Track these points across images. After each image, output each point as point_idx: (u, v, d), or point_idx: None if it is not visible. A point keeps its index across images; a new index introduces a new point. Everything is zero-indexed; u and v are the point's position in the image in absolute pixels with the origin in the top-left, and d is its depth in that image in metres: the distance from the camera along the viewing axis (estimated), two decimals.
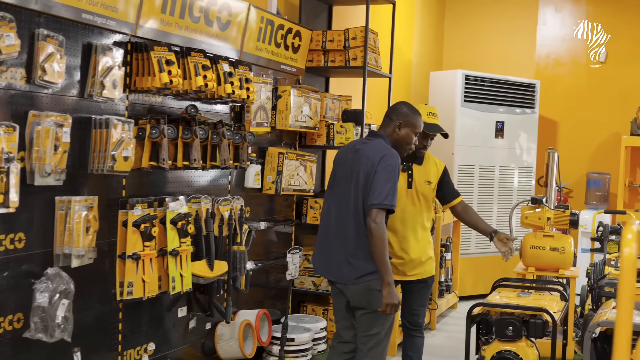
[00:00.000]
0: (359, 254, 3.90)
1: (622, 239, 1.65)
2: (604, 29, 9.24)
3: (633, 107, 8.48)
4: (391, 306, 3.81)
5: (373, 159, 3.90)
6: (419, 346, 4.83)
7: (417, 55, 8.76)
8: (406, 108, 4.15)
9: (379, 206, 3.79)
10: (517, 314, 4.48)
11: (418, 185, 4.66)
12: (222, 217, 4.56)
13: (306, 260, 5.87)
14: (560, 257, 5.87)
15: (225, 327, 4.77)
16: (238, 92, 4.50)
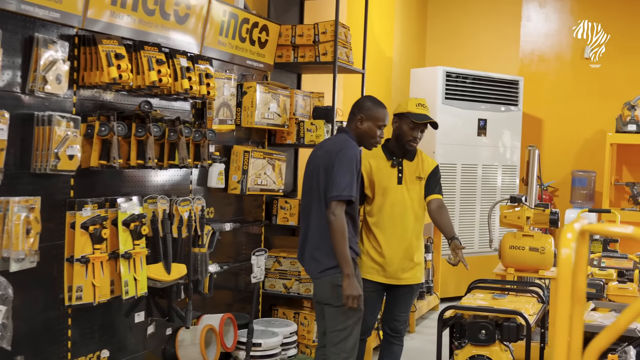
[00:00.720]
0: (322, 248, 3.87)
1: (561, 238, 1.47)
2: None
3: (618, 104, 8.32)
4: (352, 298, 3.74)
5: (331, 152, 3.89)
6: (397, 354, 4.68)
7: (397, 52, 8.59)
8: (369, 102, 4.08)
9: (337, 198, 3.77)
10: (491, 317, 4.32)
11: (409, 181, 4.51)
12: (182, 218, 4.37)
13: (277, 263, 5.68)
14: (540, 258, 5.71)
15: (187, 332, 4.58)
16: (197, 88, 4.31)
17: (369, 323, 4.54)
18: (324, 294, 3.93)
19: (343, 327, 3.88)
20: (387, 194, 4.45)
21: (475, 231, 8.30)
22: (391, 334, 4.62)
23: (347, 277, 3.74)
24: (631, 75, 8.79)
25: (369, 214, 4.52)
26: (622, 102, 8.22)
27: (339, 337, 3.89)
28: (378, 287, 4.53)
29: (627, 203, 8.48)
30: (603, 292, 5.54)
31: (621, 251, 6.53)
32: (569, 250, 1.44)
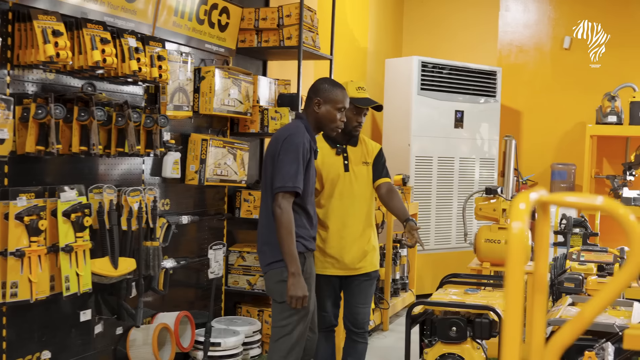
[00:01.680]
0: (270, 241, 3.64)
1: (512, 209, 1.21)
2: (569, 15, 8.86)
3: (598, 95, 8.11)
4: (296, 299, 3.51)
5: (278, 139, 3.64)
6: (361, 353, 4.39)
7: (372, 42, 8.32)
8: (326, 84, 3.82)
9: (281, 189, 3.53)
10: (462, 313, 4.08)
11: (355, 168, 4.27)
12: (131, 209, 4.09)
13: (241, 258, 5.41)
14: None
15: (139, 331, 4.30)
16: (147, 70, 4.03)
17: (336, 314, 4.36)
18: (269, 288, 3.72)
19: (285, 323, 3.64)
20: (334, 182, 4.22)
21: (452, 226, 8.05)
22: (354, 330, 4.35)
23: (292, 276, 3.50)
24: (611, 66, 8.58)
25: (317, 205, 4.25)
26: (602, 93, 8.02)
27: (281, 333, 3.65)
28: (334, 281, 4.28)
29: (608, 196, 8.25)
30: (582, 286, 5.33)
31: (601, 245, 6.33)
32: (521, 225, 1.18)
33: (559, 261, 5.98)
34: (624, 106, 7.93)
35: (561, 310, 4.06)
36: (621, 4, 8.62)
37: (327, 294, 4.26)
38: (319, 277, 4.19)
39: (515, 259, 1.19)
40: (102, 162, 4.15)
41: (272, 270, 3.64)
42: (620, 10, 8.61)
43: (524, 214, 1.20)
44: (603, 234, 7.34)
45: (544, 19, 8.97)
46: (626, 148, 8.45)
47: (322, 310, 4.29)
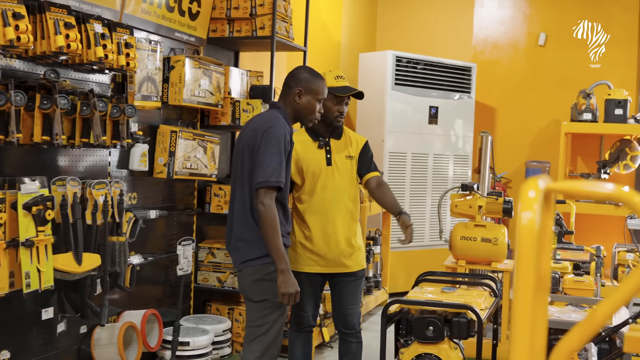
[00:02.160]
0: (245, 237, 3.47)
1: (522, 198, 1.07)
2: (544, 12, 8.79)
3: (573, 92, 8.05)
4: (288, 295, 3.35)
5: (257, 131, 3.45)
6: (355, 352, 4.26)
7: (346, 36, 8.18)
8: (306, 73, 3.66)
9: (264, 185, 3.34)
10: (439, 312, 3.95)
11: (338, 161, 4.11)
12: (96, 203, 3.90)
13: (211, 255, 5.24)
14: (493, 249, 5.36)
15: (104, 330, 4.12)
16: (113, 58, 3.85)
17: (315, 314, 4.22)
18: (244, 287, 3.53)
19: (261, 323, 3.48)
20: (316, 177, 4.07)
21: (426, 223, 7.94)
22: (346, 332, 4.21)
23: (282, 273, 3.35)
24: (586, 63, 8.52)
25: (298, 200, 4.12)
26: (577, 90, 7.96)
27: (256, 333, 3.48)
28: (318, 278, 4.14)
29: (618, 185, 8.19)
30: (559, 285, 5.25)
31: (576, 243, 6.26)
32: (532, 215, 1.04)
33: None
34: (599, 104, 7.87)
35: None
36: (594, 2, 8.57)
37: (307, 293, 4.10)
38: (300, 274, 4.05)
39: (525, 253, 1.05)
40: (66, 153, 3.96)
41: (248, 268, 3.47)
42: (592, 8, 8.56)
43: (534, 202, 1.06)
44: (578, 233, 7.27)
45: (518, 15, 8.90)
46: (600, 146, 8.41)
47: (300, 309, 4.14)
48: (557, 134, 8.04)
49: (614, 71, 8.38)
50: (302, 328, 4.17)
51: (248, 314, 3.57)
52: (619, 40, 8.44)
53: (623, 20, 8.42)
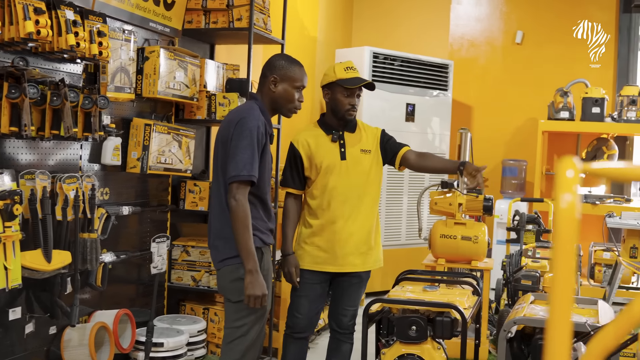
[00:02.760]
0: (223, 234, 3.32)
1: (559, 178, 0.95)
2: (521, 10, 8.74)
3: (550, 90, 8.00)
4: (254, 298, 3.20)
5: (231, 123, 3.30)
6: (345, 353, 4.13)
7: (322, 31, 8.05)
8: (282, 60, 3.51)
9: (236, 179, 3.20)
10: (422, 312, 3.84)
11: (353, 155, 3.94)
12: (67, 197, 3.74)
13: (185, 253, 5.09)
14: (473, 247, 5.28)
15: (74, 331, 3.95)
16: (85, 46, 3.69)
17: (312, 319, 4.04)
18: (222, 287, 3.40)
19: (240, 324, 3.34)
20: (330, 172, 3.90)
21: (402, 222, 7.84)
22: (338, 331, 4.08)
23: (250, 274, 3.20)
24: (563, 61, 8.48)
25: (310, 196, 3.97)
26: (554, 89, 7.91)
27: (235, 334, 3.35)
28: (324, 279, 4.00)
29: None
30: (539, 284, 5.18)
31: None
32: (571, 197, 0.92)
33: (514, 258, 5.82)
34: (576, 102, 7.83)
35: (525, 309, 3.86)
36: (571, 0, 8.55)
37: (305, 293, 3.97)
38: (303, 272, 3.92)
39: (565, 239, 0.93)
40: (35, 145, 3.78)
41: (227, 267, 3.33)
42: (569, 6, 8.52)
43: (573, 183, 0.94)
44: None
45: (495, 12, 8.83)
46: (577, 144, 8.37)
47: (295, 310, 4.00)
48: (534, 133, 7.99)
49: (591, 70, 8.34)
50: (295, 332, 4.01)
51: (226, 315, 3.44)
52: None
53: (600, 18, 8.39)
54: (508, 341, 3.72)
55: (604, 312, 3.87)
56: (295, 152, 3.96)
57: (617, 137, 8.04)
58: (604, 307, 4.00)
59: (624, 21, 8.31)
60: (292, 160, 3.98)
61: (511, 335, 3.73)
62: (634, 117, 7.57)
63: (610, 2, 8.36)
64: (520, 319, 3.64)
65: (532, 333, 3.81)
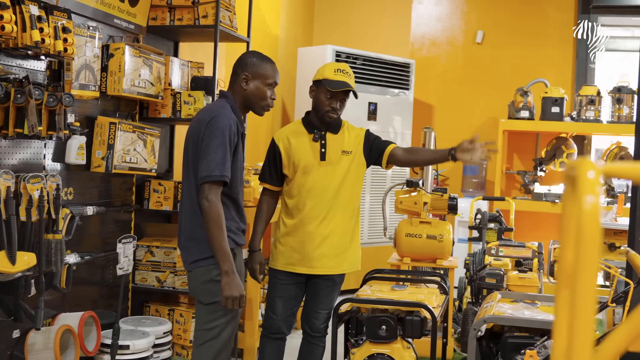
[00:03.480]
0: (195, 236, 3.27)
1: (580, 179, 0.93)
2: (481, 10, 8.80)
3: (511, 90, 8.07)
4: (232, 299, 3.15)
5: (201, 122, 3.25)
6: (317, 356, 4.09)
7: (284, 30, 8.01)
8: (254, 57, 3.47)
9: (208, 179, 3.14)
10: (392, 311, 3.83)
11: (334, 156, 3.86)
12: (31, 198, 3.65)
13: (149, 253, 5.01)
14: (438, 246, 5.30)
15: (39, 334, 3.86)
16: (51, 42, 3.60)
17: (288, 320, 4.00)
18: (194, 289, 3.34)
19: (211, 326, 3.28)
20: (308, 172, 3.84)
21: (364, 221, 7.84)
22: (311, 334, 4.03)
23: (226, 275, 3.14)
24: (523, 61, 8.56)
25: (288, 195, 3.92)
26: (515, 88, 7.98)
27: (207, 336, 3.29)
28: (298, 280, 3.95)
29: (519, 192, 8.26)
30: (503, 282, 5.21)
31: (515, 240, 6.25)
32: (594, 199, 0.90)
33: (478, 257, 5.86)
34: (536, 102, 7.92)
35: (494, 307, 3.87)
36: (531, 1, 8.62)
37: (280, 294, 3.93)
38: (277, 273, 3.87)
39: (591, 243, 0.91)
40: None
41: (199, 269, 3.27)
42: (529, 7, 8.61)
43: (596, 184, 0.92)
44: (517, 229, 7.29)
45: (456, 12, 8.88)
46: (537, 143, 8.46)
47: (270, 311, 3.95)
48: (495, 132, 8.05)
49: (551, 69, 8.44)
50: (272, 333, 3.97)
51: (198, 317, 3.37)
52: (554, 39, 8.51)
53: (559, 19, 8.49)
54: (477, 340, 3.72)
55: None
56: (275, 148, 3.91)
57: (576, 136, 8.14)
58: None
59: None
60: (271, 156, 3.93)
61: (481, 334, 3.74)
62: (593, 116, 7.68)
63: (569, 3, 8.46)
64: (491, 318, 3.65)
65: (500, 331, 3.82)
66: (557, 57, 8.50)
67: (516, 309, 4.07)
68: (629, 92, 7.55)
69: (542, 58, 8.52)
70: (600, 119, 7.70)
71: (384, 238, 7.05)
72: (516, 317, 3.71)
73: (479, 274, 5.34)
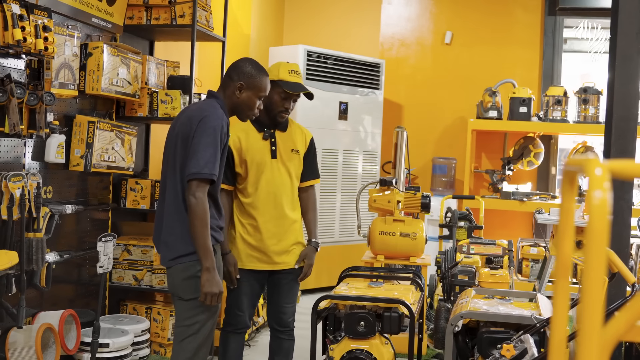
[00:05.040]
0: (175, 232, 3.29)
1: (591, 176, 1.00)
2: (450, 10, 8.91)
3: (479, 90, 8.19)
4: (211, 295, 3.20)
5: (193, 120, 3.27)
6: (288, 350, 4.13)
7: (255, 29, 8.05)
8: (251, 67, 3.48)
9: (196, 176, 3.17)
10: (370, 307, 3.90)
11: (284, 154, 3.94)
12: (13, 196, 3.65)
13: (126, 252, 5.02)
14: (412, 244, 5.37)
15: (19, 333, 3.86)
16: (32, 41, 3.61)
17: (252, 314, 4.07)
18: (174, 285, 3.36)
19: (191, 322, 3.31)
20: (261, 170, 3.90)
21: (336, 219, 7.90)
22: (279, 329, 4.08)
23: (207, 271, 3.18)
24: (491, 61, 8.69)
25: (242, 194, 3.95)
26: (483, 88, 8.10)
27: (187, 333, 3.32)
28: (260, 276, 4.00)
29: (487, 190, 8.39)
30: (475, 279, 5.30)
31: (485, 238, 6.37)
32: (603, 194, 0.97)
33: (449, 254, 5.95)
34: (504, 102, 8.05)
35: (470, 303, 3.96)
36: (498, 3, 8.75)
37: (245, 291, 3.96)
38: (240, 271, 3.91)
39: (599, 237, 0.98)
40: None
41: (179, 266, 3.29)
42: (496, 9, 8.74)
43: (604, 180, 0.99)
44: (486, 227, 7.40)
45: (425, 13, 8.98)
46: (504, 143, 8.59)
47: (237, 309, 3.98)
48: (463, 131, 8.17)
49: (518, 70, 8.58)
50: (238, 328, 4.01)
51: (178, 313, 3.40)
52: (522, 40, 8.66)
53: (526, 20, 8.64)
54: (454, 335, 3.80)
55: (544, 304, 4.01)
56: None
57: (543, 135, 8.29)
58: (544, 300, 4.14)
59: (549, 23, 8.58)
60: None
61: (457, 330, 3.81)
62: (559, 116, 7.83)
63: (535, 5, 8.61)
64: (468, 313, 3.73)
65: (476, 327, 3.90)
66: (525, 58, 8.64)
67: (491, 305, 4.17)
68: (595, 93, 7.70)
69: (510, 59, 8.67)
70: (566, 119, 7.85)
71: (356, 236, 7.14)
72: (493, 312, 3.80)
73: (451, 272, 5.42)
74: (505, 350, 3.48)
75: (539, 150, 8.06)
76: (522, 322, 3.64)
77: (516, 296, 4.49)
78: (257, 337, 5.81)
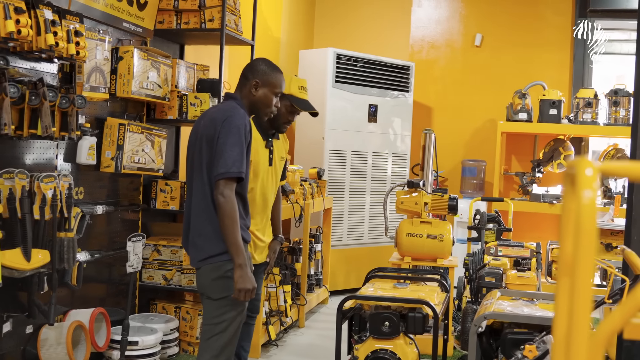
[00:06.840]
0: (204, 232, 3.36)
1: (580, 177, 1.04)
2: (480, 13, 8.92)
3: (509, 92, 8.18)
4: (244, 292, 3.26)
5: (216, 121, 3.34)
6: (251, 333, 4.38)
7: (286, 33, 8.12)
8: (264, 65, 3.58)
9: (225, 176, 3.24)
10: (394, 308, 3.93)
11: (277, 162, 4.18)
12: (45, 197, 3.75)
13: (156, 252, 5.11)
14: (439, 246, 5.40)
15: (51, 330, 3.96)
16: (64, 46, 3.71)
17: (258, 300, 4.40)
18: (204, 285, 3.42)
19: (219, 321, 3.38)
20: (258, 175, 4.06)
21: (365, 221, 7.94)
22: (251, 315, 4.23)
23: (240, 268, 3.24)
24: (521, 63, 8.67)
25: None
26: (513, 91, 8.09)
27: (214, 331, 3.38)
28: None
29: (517, 193, 8.37)
30: (502, 281, 5.31)
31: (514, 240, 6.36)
32: (592, 193, 1.01)
33: (477, 256, 5.95)
34: (533, 104, 8.03)
35: (494, 304, 3.98)
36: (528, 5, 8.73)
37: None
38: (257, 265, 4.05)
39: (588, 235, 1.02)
40: (13, 144, 3.79)
41: (208, 266, 3.36)
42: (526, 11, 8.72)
43: (593, 180, 1.03)
44: (515, 230, 7.39)
45: (455, 15, 8.99)
46: (534, 145, 8.57)
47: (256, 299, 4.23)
48: (493, 134, 8.16)
49: (548, 72, 8.55)
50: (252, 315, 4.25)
51: (205, 312, 3.46)
52: (552, 42, 8.63)
53: (556, 23, 8.61)
54: (478, 336, 3.82)
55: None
56: None
57: (573, 138, 8.25)
58: None
59: (580, 25, 8.54)
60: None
61: (481, 330, 3.83)
62: (590, 118, 7.79)
63: (566, 7, 8.58)
64: (491, 314, 3.75)
65: (500, 328, 3.92)
66: (555, 60, 8.61)
67: (515, 306, 4.18)
68: (626, 95, 7.65)
69: (540, 61, 8.64)
70: (597, 121, 7.81)
71: (384, 238, 7.16)
72: (516, 313, 3.82)
73: (478, 273, 5.43)
74: (528, 350, 3.49)
75: (569, 153, 8.03)
76: (545, 323, 3.65)
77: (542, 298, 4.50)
78: (285, 337, 5.87)
